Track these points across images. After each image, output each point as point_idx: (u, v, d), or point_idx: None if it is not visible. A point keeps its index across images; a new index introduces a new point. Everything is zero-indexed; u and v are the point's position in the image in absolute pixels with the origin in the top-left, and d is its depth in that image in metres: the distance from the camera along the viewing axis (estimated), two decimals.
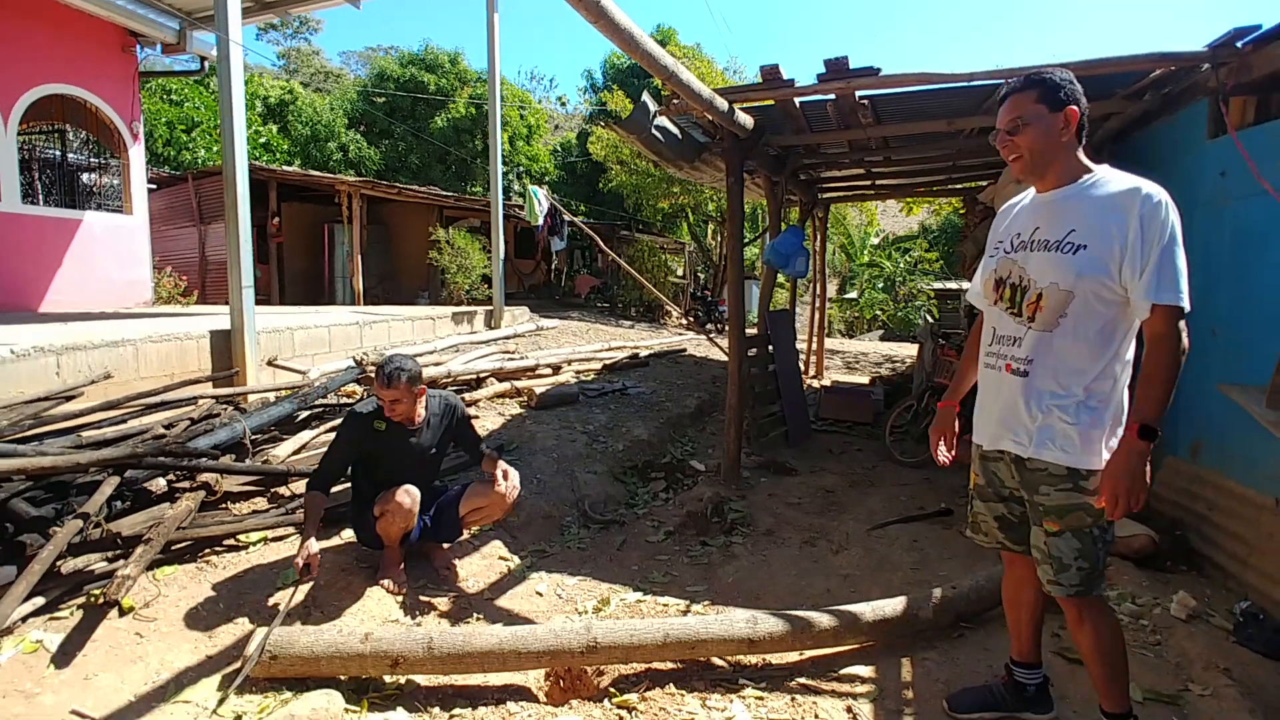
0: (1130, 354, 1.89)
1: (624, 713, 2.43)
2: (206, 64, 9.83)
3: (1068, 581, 1.92)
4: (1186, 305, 1.76)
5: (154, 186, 11.55)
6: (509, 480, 3.20)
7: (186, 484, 3.30)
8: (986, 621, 2.97)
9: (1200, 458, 3.66)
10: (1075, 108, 1.86)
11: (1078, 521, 1.88)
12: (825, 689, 2.56)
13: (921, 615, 2.82)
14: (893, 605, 2.83)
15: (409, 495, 3.04)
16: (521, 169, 20.52)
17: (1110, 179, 1.87)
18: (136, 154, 9.00)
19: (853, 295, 22.13)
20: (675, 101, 4.37)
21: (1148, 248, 1.75)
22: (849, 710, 2.44)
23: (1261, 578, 3.04)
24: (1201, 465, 3.64)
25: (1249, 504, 3.17)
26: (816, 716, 2.40)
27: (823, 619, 2.72)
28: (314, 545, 2.83)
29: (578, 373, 7.37)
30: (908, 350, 13.81)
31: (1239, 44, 3.32)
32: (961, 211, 10.29)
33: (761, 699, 2.50)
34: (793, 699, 2.50)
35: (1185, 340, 1.77)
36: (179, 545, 3.07)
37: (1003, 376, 1.98)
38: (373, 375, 3.21)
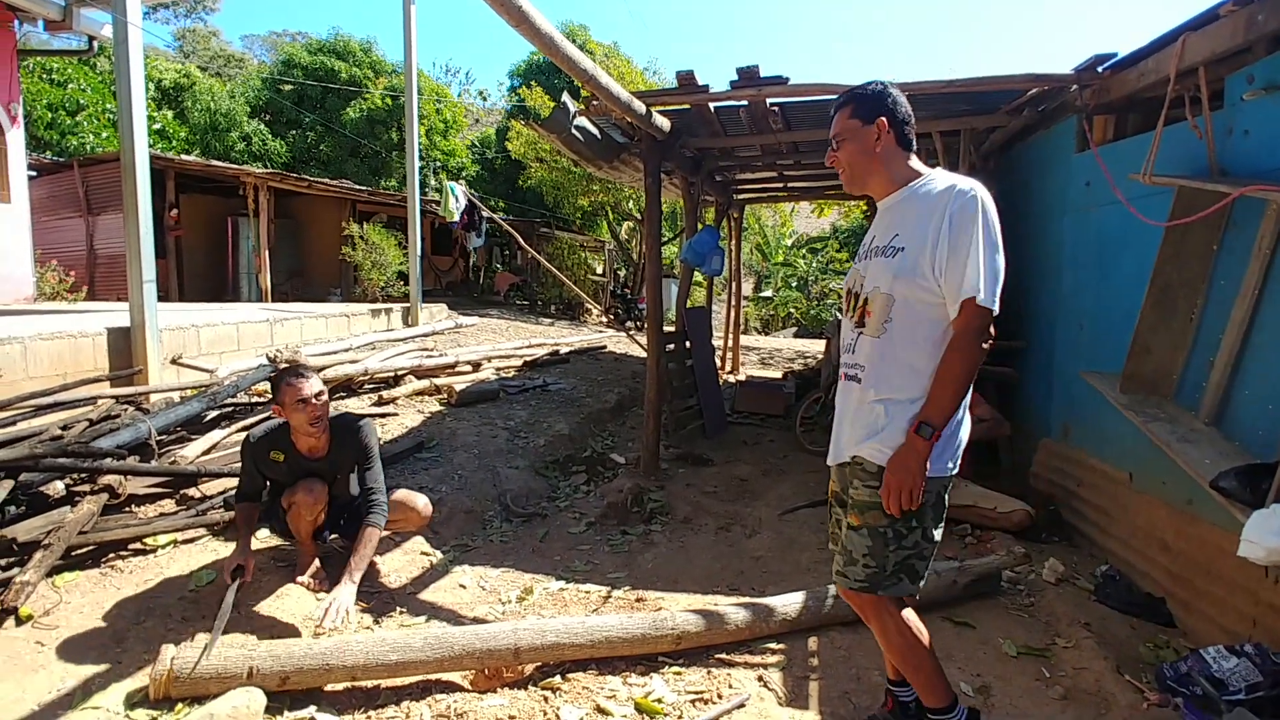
0: None
1: (549, 694, 2.52)
2: (95, 44, 9.20)
3: (853, 576, 1.88)
4: (993, 305, 1.70)
5: (35, 174, 10.75)
6: (328, 614, 2.64)
7: (87, 487, 3.17)
8: None
9: (1070, 438, 4.06)
10: (885, 118, 1.85)
11: (874, 520, 1.84)
12: (739, 662, 2.73)
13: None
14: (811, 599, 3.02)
15: (310, 493, 2.96)
16: (439, 164, 20.10)
17: (936, 181, 1.84)
18: (15, 138, 8.36)
19: (768, 294, 22.79)
20: (595, 103, 4.47)
21: (955, 244, 1.72)
22: (760, 679, 2.61)
23: (1118, 543, 3.42)
24: (1071, 445, 4.03)
25: (1108, 479, 3.55)
26: (730, 685, 2.56)
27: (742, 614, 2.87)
28: (237, 561, 2.76)
29: (498, 370, 7.37)
30: (819, 346, 14.39)
31: (1100, 69, 3.70)
32: (866, 214, 10.81)
33: (680, 674, 2.64)
34: (709, 672, 2.65)
35: (986, 345, 1.74)
36: (81, 550, 2.96)
37: (842, 384, 1.98)
38: (283, 384, 2.86)
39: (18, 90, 8.43)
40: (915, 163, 1.91)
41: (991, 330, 1.74)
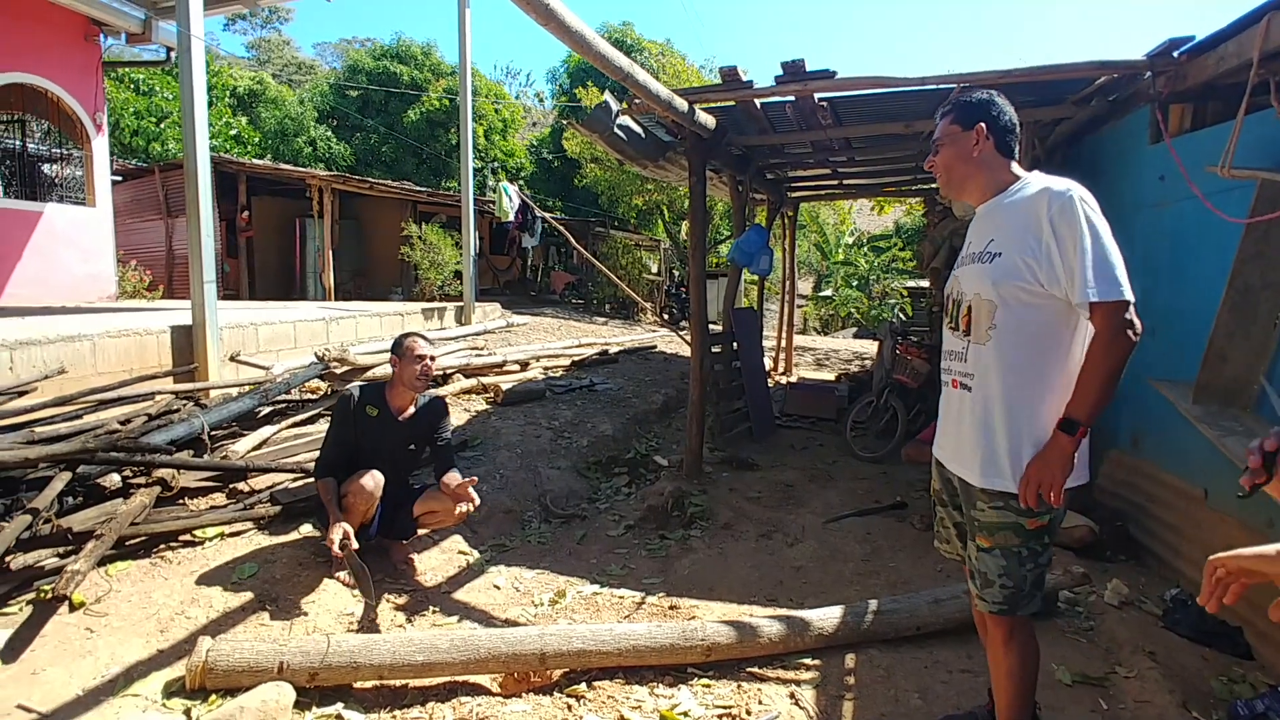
0: (1077, 363, 1.78)
1: (573, 701, 2.48)
2: (173, 54, 9.66)
3: (991, 598, 1.89)
4: (1128, 296, 1.66)
5: (119, 178, 11.38)
6: (463, 504, 3.17)
7: (142, 480, 3.30)
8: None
9: (1139, 450, 3.80)
10: (985, 124, 1.88)
11: (1006, 541, 1.83)
12: (770, 676, 2.64)
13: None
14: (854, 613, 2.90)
15: (373, 479, 3.11)
16: (497, 164, 20.43)
17: (1031, 184, 1.84)
18: (100, 145, 8.85)
19: (828, 293, 22.34)
20: (637, 101, 4.42)
21: (1066, 247, 1.69)
22: (791, 696, 2.51)
23: (1191, 565, 3.17)
24: (1140, 457, 3.77)
25: (1181, 495, 3.30)
26: (760, 702, 2.48)
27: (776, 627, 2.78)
28: (340, 527, 2.93)
29: (546, 369, 7.40)
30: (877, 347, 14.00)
31: (1175, 54, 3.44)
32: (926, 213, 10.44)
33: (708, 687, 2.56)
34: (739, 686, 2.57)
35: (1134, 334, 1.67)
36: (133, 541, 3.06)
37: (950, 392, 1.97)
38: (406, 340, 3.32)
39: (103, 100, 8.91)
40: (1016, 169, 1.93)
41: (1135, 319, 1.67)
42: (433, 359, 3.30)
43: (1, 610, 2.62)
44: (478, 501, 3.19)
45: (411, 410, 3.33)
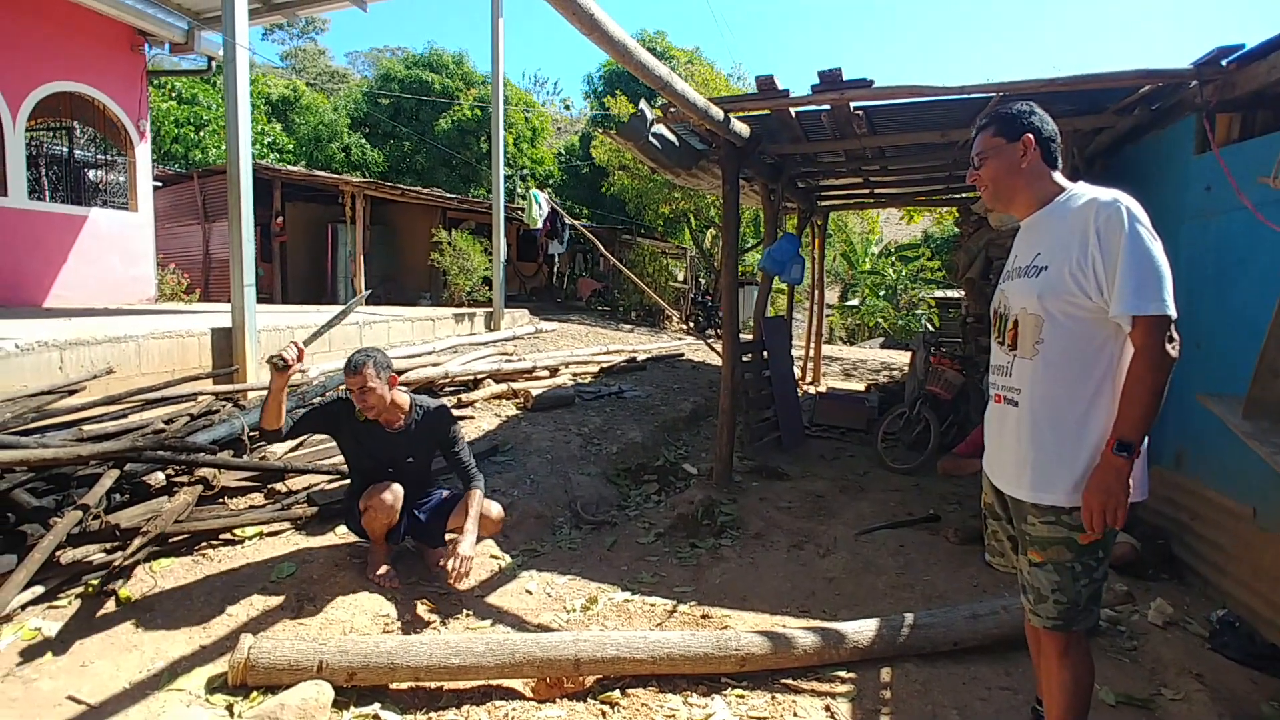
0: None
1: (607, 708, 2.48)
2: (214, 64, 9.91)
3: (1045, 614, 1.87)
4: (1170, 312, 1.64)
5: (160, 184, 11.64)
6: (456, 562, 3.01)
7: (185, 478, 3.37)
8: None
9: (1183, 467, 3.71)
10: (1031, 135, 1.87)
11: (1058, 555, 1.81)
12: (805, 688, 2.62)
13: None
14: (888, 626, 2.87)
15: (391, 493, 3.08)
16: (525, 171, 20.59)
17: (1079, 195, 1.82)
18: (143, 152, 9.09)
19: (854, 303, 22.18)
20: (672, 110, 4.44)
21: (1110, 258, 1.68)
22: (827, 709, 2.49)
23: (1239, 586, 3.09)
24: (1184, 474, 3.69)
25: (1228, 513, 3.22)
26: (795, 714, 2.46)
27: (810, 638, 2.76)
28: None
29: (575, 375, 7.43)
30: (906, 358, 13.85)
31: (1223, 62, 3.38)
32: (958, 222, 10.34)
33: (742, 697, 2.55)
34: (773, 697, 2.55)
35: (1174, 350, 1.66)
36: (176, 538, 3.13)
37: (995, 407, 1.97)
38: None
39: (146, 108, 9.16)
40: (1059, 178, 1.91)
41: (1175, 335, 1.67)
42: (362, 391, 3.04)
43: (52, 603, 2.69)
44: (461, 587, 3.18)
45: (402, 422, 3.21)
